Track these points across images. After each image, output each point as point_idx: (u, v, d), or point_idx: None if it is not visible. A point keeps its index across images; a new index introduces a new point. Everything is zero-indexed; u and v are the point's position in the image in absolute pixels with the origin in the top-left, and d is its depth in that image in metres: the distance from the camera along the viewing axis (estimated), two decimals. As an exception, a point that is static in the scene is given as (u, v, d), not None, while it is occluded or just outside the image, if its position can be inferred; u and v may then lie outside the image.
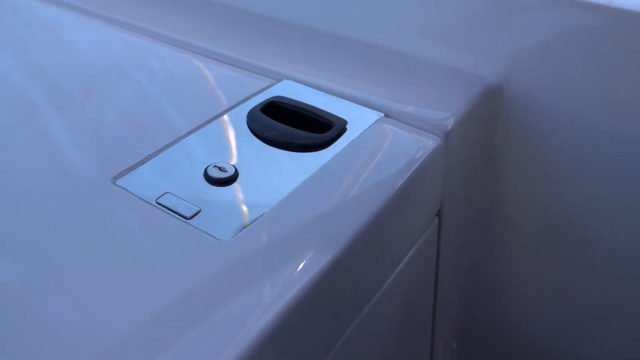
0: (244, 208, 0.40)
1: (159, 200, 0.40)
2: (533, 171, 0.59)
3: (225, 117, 0.49)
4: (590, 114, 0.53)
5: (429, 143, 0.47)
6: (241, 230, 0.38)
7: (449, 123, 0.49)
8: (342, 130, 0.47)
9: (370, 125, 0.49)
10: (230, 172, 0.42)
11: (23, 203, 0.40)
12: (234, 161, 0.44)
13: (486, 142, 0.59)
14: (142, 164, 0.43)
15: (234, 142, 0.46)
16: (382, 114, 0.50)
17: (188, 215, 0.39)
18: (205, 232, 0.38)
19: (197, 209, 0.39)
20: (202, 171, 0.43)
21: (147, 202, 0.40)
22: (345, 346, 0.41)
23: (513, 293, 0.68)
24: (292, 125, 0.47)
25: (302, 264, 0.36)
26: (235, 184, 0.42)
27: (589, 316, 0.64)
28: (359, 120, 0.49)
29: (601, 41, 0.50)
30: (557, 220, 0.60)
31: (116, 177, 0.42)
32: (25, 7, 0.70)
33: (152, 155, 0.44)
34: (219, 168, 0.42)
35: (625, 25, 0.48)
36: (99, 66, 0.58)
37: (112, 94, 0.53)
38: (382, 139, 0.47)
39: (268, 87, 0.53)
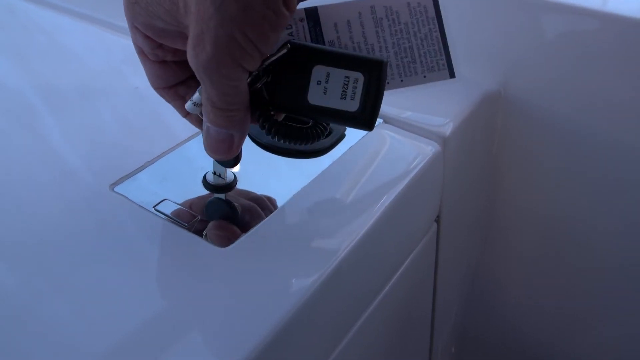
0: (243, 215, 0.40)
1: (157, 207, 0.40)
2: (531, 176, 0.59)
3: (224, 123, 0.49)
4: (589, 119, 0.53)
5: (428, 149, 0.47)
6: (240, 237, 0.38)
7: (448, 129, 0.49)
8: (340, 136, 0.47)
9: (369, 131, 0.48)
10: (229, 178, 0.42)
11: (21, 209, 0.40)
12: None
13: (485, 148, 0.59)
14: (141, 171, 0.43)
15: (233, 148, 0.46)
16: (381, 120, 0.50)
17: (186, 222, 0.39)
18: (203, 239, 0.38)
19: (195, 215, 0.39)
20: (201, 178, 0.42)
21: (145, 209, 0.40)
22: (344, 352, 0.41)
23: (511, 297, 0.68)
24: None
25: (301, 271, 0.36)
26: (234, 191, 0.42)
27: (588, 319, 0.64)
28: (357, 126, 0.49)
29: (597, 46, 0.50)
30: (556, 225, 0.60)
31: (114, 184, 0.42)
32: (23, 11, 0.70)
33: (151, 162, 0.44)
34: (218, 175, 0.42)
35: (620, 30, 0.48)
36: (97, 71, 0.58)
37: (110, 99, 0.53)
38: (381, 145, 0.47)
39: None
